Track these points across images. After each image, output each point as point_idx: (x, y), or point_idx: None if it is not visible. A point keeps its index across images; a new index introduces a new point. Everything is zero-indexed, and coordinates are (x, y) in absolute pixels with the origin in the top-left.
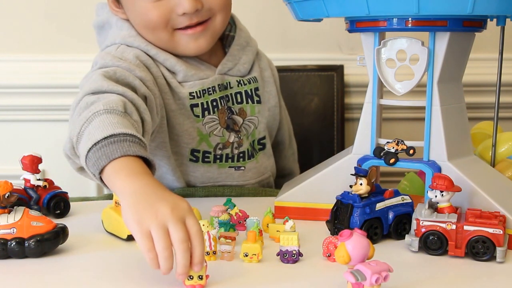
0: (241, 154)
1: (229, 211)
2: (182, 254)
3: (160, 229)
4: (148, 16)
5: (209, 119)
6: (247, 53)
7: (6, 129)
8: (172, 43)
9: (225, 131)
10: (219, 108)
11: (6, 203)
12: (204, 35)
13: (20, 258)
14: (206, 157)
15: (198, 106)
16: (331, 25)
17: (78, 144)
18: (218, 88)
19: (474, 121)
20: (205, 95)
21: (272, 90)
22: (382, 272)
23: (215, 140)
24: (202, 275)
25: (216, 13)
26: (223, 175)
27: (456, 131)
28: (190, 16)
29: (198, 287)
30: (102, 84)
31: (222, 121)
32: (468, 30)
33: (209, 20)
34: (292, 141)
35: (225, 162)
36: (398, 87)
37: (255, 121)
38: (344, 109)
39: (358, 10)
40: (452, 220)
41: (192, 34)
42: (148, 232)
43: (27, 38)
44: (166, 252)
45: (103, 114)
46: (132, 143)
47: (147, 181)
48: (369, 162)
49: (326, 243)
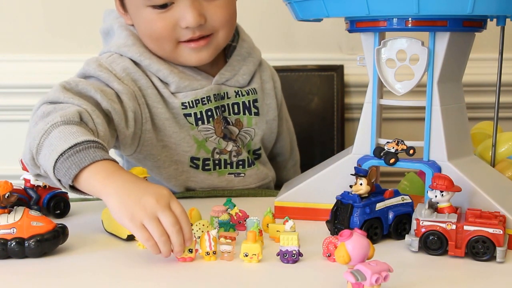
0: (240, 162)
1: (229, 211)
2: (176, 235)
3: (152, 219)
4: (152, 27)
5: (203, 128)
6: (248, 64)
7: (6, 129)
8: (175, 54)
9: (222, 140)
10: (214, 118)
11: (6, 203)
12: (207, 48)
13: (20, 258)
14: (206, 164)
15: (191, 116)
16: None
17: (38, 155)
18: (213, 98)
19: (474, 121)
20: (198, 105)
21: (272, 103)
22: (382, 272)
23: (212, 145)
24: (192, 249)
25: (219, 29)
26: (223, 182)
27: (456, 131)
28: (193, 30)
29: (188, 259)
30: (59, 95)
31: (218, 131)
32: (468, 30)
33: (212, 35)
34: (294, 152)
35: (224, 168)
36: (398, 87)
37: (251, 132)
38: (344, 109)
39: (358, 10)
40: (452, 220)
41: (195, 47)
42: (142, 225)
43: (27, 38)
44: (163, 238)
45: (61, 126)
46: (96, 148)
47: (125, 177)
48: (369, 162)
49: (326, 243)
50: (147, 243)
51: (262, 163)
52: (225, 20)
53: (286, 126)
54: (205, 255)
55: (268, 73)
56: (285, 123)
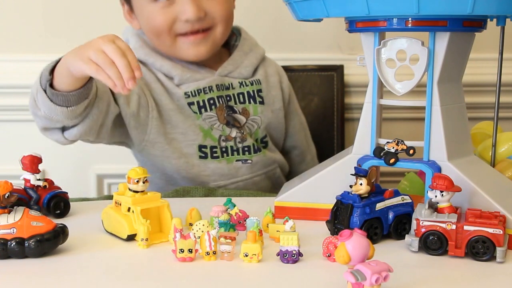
0: (245, 148)
1: (229, 211)
2: (120, 59)
3: (96, 51)
4: (154, 21)
5: (207, 115)
6: (250, 57)
7: (6, 129)
8: (174, 48)
9: (225, 127)
10: (216, 106)
11: (6, 203)
12: (204, 42)
13: (20, 258)
14: (214, 152)
15: (194, 104)
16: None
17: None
18: (216, 88)
19: (474, 121)
20: (200, 94)
21: (277, 94)
22: (382, 272)
23: (217, 133)
24: (192, 249)
25: (217, 23)
26: (232, 170)
27: (456, 131)
28: (192, 23)
29: (188, 259)
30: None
31: (221, 118)
32: (468, 30)
33: (210, 29)
34: (310, 146)
35: (232, 155)
36: (398, 87)
37: (258, 120)
38: (344, 109)
39: (358, 10)
40: (452, 220)
41: (193, 41)
42: (91, 60)
43: (27, 38)
44: (107, 61)
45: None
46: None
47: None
48: (369, 162)
49: (326, 243)
50: (98, 75)
51: (271, 149)
52: (223, 15)
53: (299, 120)
54: (205, 255)
55: (273, 68)
56: (297, 117)
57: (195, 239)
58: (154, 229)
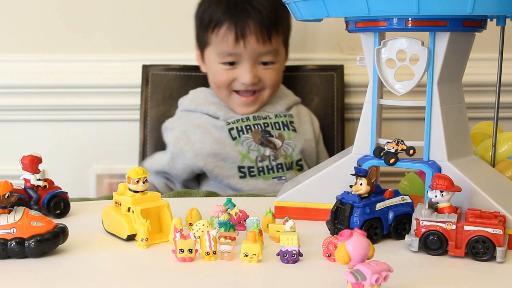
0: (279, 165)
1: (229, 211)
2: None
3: None
4: (218, 78)
5: (244, 138)
6: (285, 100)
7: (6, 129)
8: (228, 100)
9: (260, 147)
10: (252, 130)
11: (6, 203)
12: (253, 104)
13: (20, 258)
14: (251, 171)
15: (234, 130)
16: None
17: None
18: (253, 118)
19: (474, 121)
20: (239, 122)
21: (308, 128)
22: (382, 272)
23: (254, 154)
24: (192, 249)
25: (267, 87)
26: (269, 187)
27: (456, 131)
28: (247, 86)
29: (188, 259)
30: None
31: (256, 139)
32: (468, 30)
33: (260, 91)
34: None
35: (268, 174)
36: (398, 87)
37: (292, 144)
38: (344, 109)
39: (358, 10)
40: (452, 220)
41: (245, 101)
42: None
43: (27, 38)
44: None
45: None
46: None
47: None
48: (369, 162)
49: (326, 243)
50: None
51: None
52: (274, 83)
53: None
54: (205, 255)
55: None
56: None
57: (195, 239)
58: (154, 229)
